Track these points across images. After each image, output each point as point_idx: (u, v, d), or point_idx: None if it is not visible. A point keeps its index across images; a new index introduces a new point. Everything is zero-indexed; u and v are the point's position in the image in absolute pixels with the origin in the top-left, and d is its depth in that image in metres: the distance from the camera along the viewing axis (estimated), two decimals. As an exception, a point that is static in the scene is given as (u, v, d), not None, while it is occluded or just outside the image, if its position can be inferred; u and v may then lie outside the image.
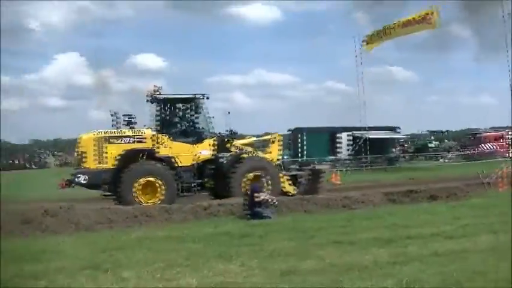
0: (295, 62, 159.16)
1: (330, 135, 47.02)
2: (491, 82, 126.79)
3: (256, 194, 15.62)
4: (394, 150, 50.06)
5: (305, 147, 45.13)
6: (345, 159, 44.44)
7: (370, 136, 42.32)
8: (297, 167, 23.41)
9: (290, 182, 20.04)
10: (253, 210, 15.41)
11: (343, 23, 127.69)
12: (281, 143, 21.29)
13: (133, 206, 16.66)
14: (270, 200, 15.87)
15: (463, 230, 11.96)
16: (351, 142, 45.69)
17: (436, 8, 29.32)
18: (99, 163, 18.28)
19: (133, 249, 11.08)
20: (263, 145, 20.81)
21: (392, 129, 50.01)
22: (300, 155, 44.45)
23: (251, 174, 18.85)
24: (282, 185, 19.62)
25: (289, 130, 46.61)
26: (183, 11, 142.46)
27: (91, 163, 18.28)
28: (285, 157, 31.65)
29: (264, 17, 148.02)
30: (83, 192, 20.07)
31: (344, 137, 46.57)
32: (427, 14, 29.66)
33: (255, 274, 8.58)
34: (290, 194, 19.34)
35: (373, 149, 42.35)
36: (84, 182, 18.22)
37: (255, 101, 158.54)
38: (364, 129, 41.75)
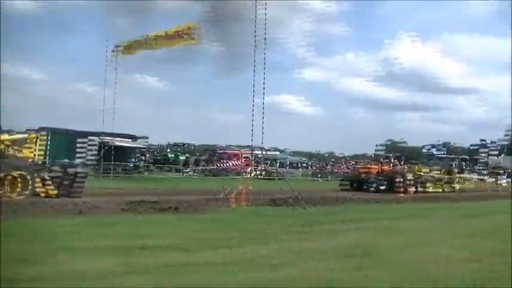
0: (46, 58, 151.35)
1: (72, 137, 45.10)
2: (239, 100, 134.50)
3: None
4: (135, 159, 49.76)
5: (48, 149, 42.46)
6: (88, 165, 42.79)
7: (115, 143, 41.44)
8: (57, 168, 21.97)
9: (48, 184, 18.95)
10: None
11: (98, 25, 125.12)
12: (41, 142, 19.79)
13: None
14: None
15: (194, 243, 11.89)
16: (95, 147, 44.30)
17: (198, 24, 29.61)
18: None
19: None
20: (21, 143, 19.05)
21: (134, 137, 49.71)
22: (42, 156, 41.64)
23: (3, 174, 17.56)
24: (38, 186, 18.53)
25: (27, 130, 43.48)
26: None
27: None
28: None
29: (18, 6, 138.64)
30: None
31: (86, 142, 45.00)
32: (189, 28, 29.86)
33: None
34: (45, 196, 18.46)
35: (117, 156, 41.52)
36: None
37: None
38: (108, 134, 40.70)
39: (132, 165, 47.24)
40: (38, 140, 19.70)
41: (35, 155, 19.62)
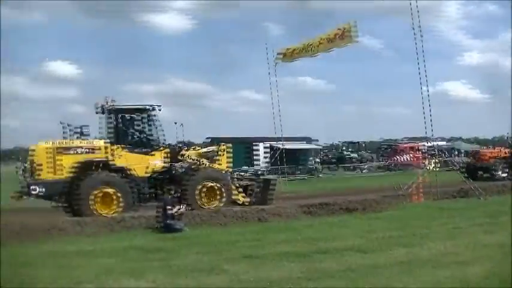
0: (209, 71, 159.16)
1: (247, 145, 46.58)
2: (405, 93, 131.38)
3: (168, 207, 15.26)
4: (312, 160, 50.12)
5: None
6: (270, 170, 43.87)
7: (287, 147, 42.02)
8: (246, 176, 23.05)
9: (242, 192, 19.92)
10: (166, 222, 15.00)
11: (254, 32, 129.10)
12: (230, 153, 20.82)
13: (47, 219, 15.74)
14: (182, 211, 15.55)
15: (377, 243, 11.69)
16: (268, 153, 45.37)
17: (354, 22, 29.17)
18: (54, 174, 17.72)
19: (41, 265, 10.37)
20: (212, 155, 20.31)
21: (308, 139, 50.19)
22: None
23: (204, 184, 18.78)
24: (234, 194, 19.55)
25: (207, 138, 45.78)
26: (94, 17, 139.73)
27: (46, 174, 17.70)
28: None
29: (176, 25, 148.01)
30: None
31: (261, 148, 46.28)
32: (345, 29, 29.53)
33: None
34: (241, 203, 19.36)
35: (290, 160, 42.07)
36: (41, 193, 17.56)
37: (170, 109, 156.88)
38: (279, 139, 41.37)
39: (311, 166, 47.60)
40: (226, 151, 20.65)
41: (227, 165, 20.60)
